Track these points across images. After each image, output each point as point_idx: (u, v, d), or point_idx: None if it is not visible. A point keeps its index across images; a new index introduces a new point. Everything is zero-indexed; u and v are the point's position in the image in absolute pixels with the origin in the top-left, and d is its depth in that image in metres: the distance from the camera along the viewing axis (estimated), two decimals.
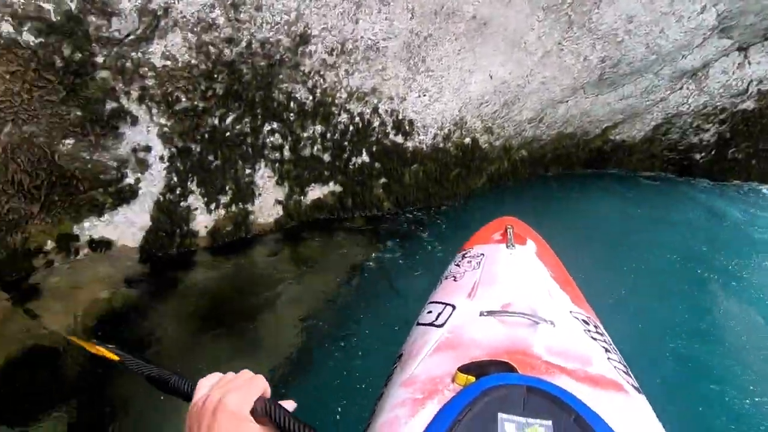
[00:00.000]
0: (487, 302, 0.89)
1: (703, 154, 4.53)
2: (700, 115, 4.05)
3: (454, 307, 0.92)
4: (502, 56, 2.37)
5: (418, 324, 0.94)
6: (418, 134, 2.31)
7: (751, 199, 4.41)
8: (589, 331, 0.83)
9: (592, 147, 3.99)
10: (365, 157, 2.19)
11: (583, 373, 0.68)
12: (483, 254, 1.18)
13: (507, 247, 1.16)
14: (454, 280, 1.10)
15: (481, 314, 0.84)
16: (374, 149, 2.20)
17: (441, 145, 2.44)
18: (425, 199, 2.58)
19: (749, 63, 3.70)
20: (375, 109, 2.12)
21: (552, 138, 3.49)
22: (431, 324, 0.90)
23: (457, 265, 1.19)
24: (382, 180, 2.30)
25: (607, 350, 0.78)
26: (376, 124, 2.15)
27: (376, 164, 2.24)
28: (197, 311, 1.79)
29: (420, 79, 2.16)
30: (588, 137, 3.81)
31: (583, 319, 0.88)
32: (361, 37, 1.90)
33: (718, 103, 3.97)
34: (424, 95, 2.22)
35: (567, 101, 3.17)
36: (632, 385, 0.68)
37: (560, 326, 0.79)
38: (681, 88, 3.73)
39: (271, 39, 1.59)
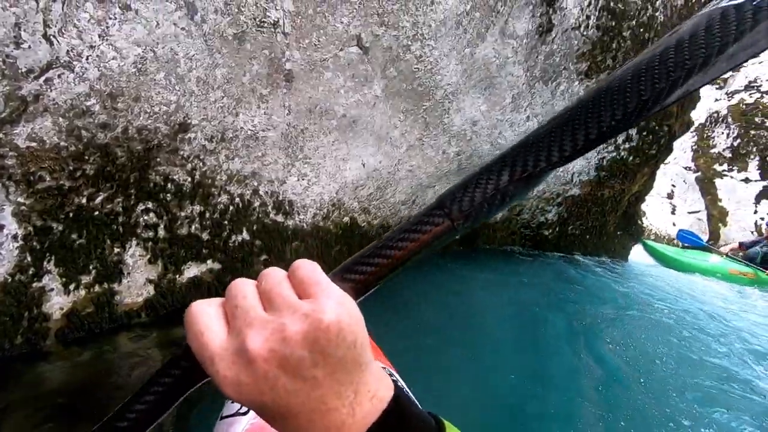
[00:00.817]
0: None
1: (550, 231, 5.42)
2: (542, 199, 4.92)
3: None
4: (372, 148, 2.76)
5: (222, 418, 0.90)
6: (299, 214, 2.49)
7: (589, 267, 5.33)
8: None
9: None
10: (245, 235, 2.28)
11: None
12: None
13: None
14: None
15: None
16: (255, 228, 2.31)
17: (321, 223, 2.64)
18: None
19: None
20: (255, 191, 2.27)
21: None
22: (236, 414, 0.87)
23: None
24: (264, 257, 2.39)
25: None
26: (256, 204, 2.29)
27: (257, 242, 2.34)
28: (42, 412, 1.60)
29: (298, 165, 2.40)
30: None
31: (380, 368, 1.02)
32: (241, 127, 2.10)
33: (554, 190, 4.89)
34: (303, 179, 2.44)
35: (434, 186, 3.68)
36: None
37: None
38: None
39: (148, 126, 1.71)
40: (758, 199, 7.75)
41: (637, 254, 6.54)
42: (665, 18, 3.82)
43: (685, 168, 8.84)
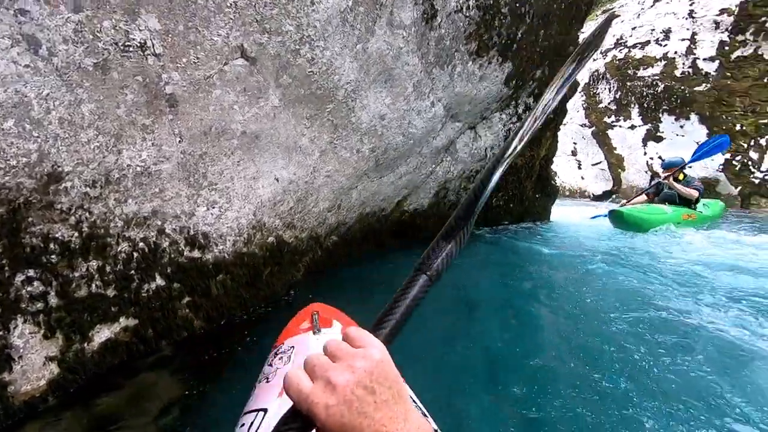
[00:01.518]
0: None
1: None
2: (463, 178, 5.07)
3: (266, 411, 0.92)
4: (282, 161, 2.64)
5: (245, 413, 0.93)
6: (217, 245, 2.31)
7: (514, 234, 5.60)
8: None
9: (393, 220, 4.55)
10: (160, 281, 2.07)
11: None
12: (293, 346, 1.21)
13: (314, 333, 1.23)
14: (267, 382, 1.10)
15: None
16: (169, 270, 2.10)
17: (244, 249, 2.48)
18: (241, 305, 2.53)
19: (479, 137, 4.90)
20: (161, 231, 2.07)
21: (355, 220, 3.89)
22: (258, 410, 0.90)
23: (270, 365, 1.19)
24: (186, 299, 2.19)
25: None
26: (165, 245, 2.09)
27: (175, 284, 2.13)
28: None
29: (205, 193, 2.22)
30: (386, 213, 4.35)
31: None
32: (128, 165, 1.89)
33: (471, 167, 5.06)
34: (214, 207, 2.27)
35: (357, 187, 3.63)
36: (433, 429, 0.80)
37: None
38: (442, 161, 4.65)
39: (7, 184, 1.47)
40: (645, 141, 8.66)
41: (557, 212, 7.00)
42: None
43: (581, 125, 9.66)
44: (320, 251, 3.46)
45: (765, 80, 7.28)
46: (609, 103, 9.23)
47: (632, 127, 8.84)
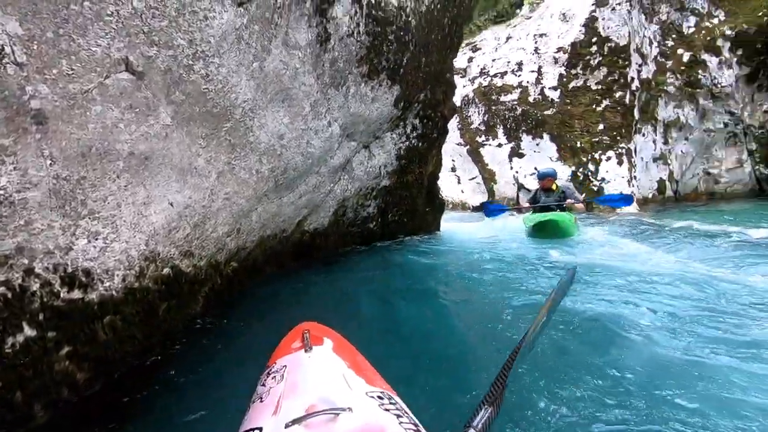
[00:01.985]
0: (291, 413, 0.92)
1: (374, 223, 5.79)
2: (360, 195, 5.20)
3: (260, 430, 0.94)
4: (177, 184, 2.42)
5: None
6: (102, 282, 2.01)
7: (411, 246, 5.89)
8: (383, 405, 0.97)
9: (294, 240, 4.45)
10: (29, 332, 1.72)
11: None
12: (285, 365, 1.22)
13: (305, 351, 1.25)
14: (261, 401, 1.11)
15: (287, 426, 0.87)
16: (41, 317, 1.76)
17: (136, 284, 2.19)
18: (135, 349, 2.22)
19: (373, 155, 5.09)
20: (29, 271, 1.73)
21: (256, 244, 3.71)
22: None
23: (263, 385, 1.21)
24: (65, 350, 1.85)
25: (399, 416, 0.93)
26: (35, 287, 1.75)
27: (50, 333, 1.80)
28: None
29: (85, 223, 1.93)
30: (287, 234, 4.24)
31: (378, 395, 1.02)
32: None
33: (367, 185, 5.22)
34: (96, 239, 1.98)
35: (256, 209, 3.48)
36: None
37: (357, 410, 0.90)
38: (340, 180, 4.72)
39: None
40: (510, 157, 9.89)
41: (446, 225, 7.55)
42: (416, 22, 4.46)
43: (457, 144, 10.67)
44: (220, 279, 3.22)
45: (593, 106, 8.91)
46: (479, 124, 10.36)
47: (499, 145, 10.03)
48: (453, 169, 10.72)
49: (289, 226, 4.26)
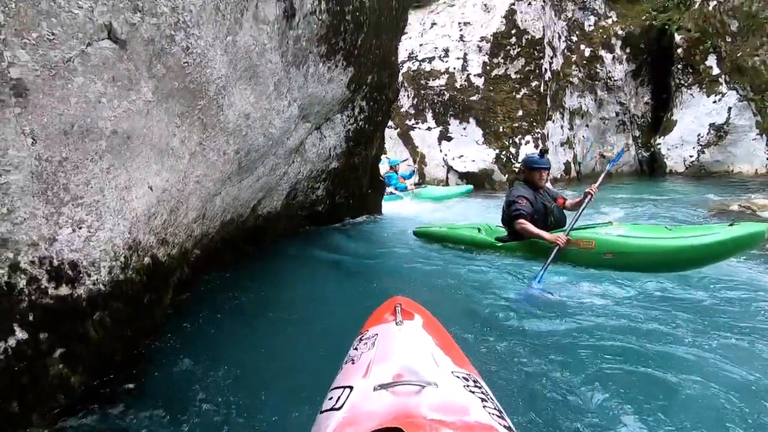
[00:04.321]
0: (380, 377, 0.97)
1: (322, 206, 5.75)
2: (311, 178, 5.13)
3: (351, 389, 0.98)
4: (156, 165, 2.23)
5: (321, 412, 0.99)
6: (89, 275, 1.82)
7: (357, 227, 5.99)
8: (468, 386, 0.99)
9: (249, 225, 4.29)
10: (20, 334, 1.52)
11: (461, 423, 0.83)
12: (377, 334, 1.27)
13: (396, 324, 1.28)
14: (352, 363, 1.17)
15: (375, 389, 0.92)
16: (31, 317, 1.56)
17: (122, 276, 2.01)
18: (125, 346, 2.05)
19: (325, 137, 5.03)
20: (15, 266, 1.52)
21: (217, 229, 3.53)
22: (332, 409, 0.95)
23: (355, 349, 1.27)
24: (59, 351, 1.67)
25: (483, 400, 0.95)
26: (21, 284, 1.54)
27: (42, 335, 1.60)
28: None
29: (68, 210, 1.72)
30: (243, 218, 4.08)
31: (464, 377, 1.04)
32: None
33: (318, 167, 5.17)
34: (80, 227, 1.78)
35: (221, 192, 3.30)
36: (505, 426, 0.91)
37: (443, 387, 0.91)
38: (293, 162, 4.61)
39: None
40: (440, 140, 10.33)
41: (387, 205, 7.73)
42: (370, 3, 4.45)
43: (389, 127, 10.84)
44: (187, 268, 3.03)
45: (513, 94, 9.64)
46: (409, 108, 10.62)
47: (429, 128, 10.41)
48: (385, 152, 10.90)
49: (245, 210, 4.08)
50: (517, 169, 9.17)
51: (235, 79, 2.85)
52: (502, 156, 9.53)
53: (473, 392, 0.97)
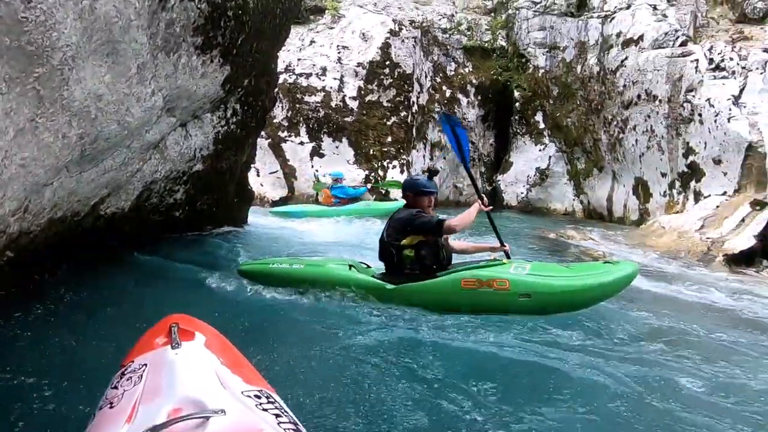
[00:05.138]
0: (150, 418, 0.82)
1: (180, 211, 5.21)
2: (170, 179, 4.63)
3: None
4: None
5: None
6: None
7: (220, 238, 5.60)
8: (260, 405, 0.93)
9: (86, 226, 3.66)
10: None
11: None
12: (145, 364, 1.09)
13: (172, 347, 1.10)
14: (110, 407, 0.98)
15: None
16: None
17: None
18: None
19: (190, 135, 4.62)
20: None
21: (43, 228, 2.91)
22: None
23: (115, 387, 1.06)
24: None
25: (278, 416, 0.91)
26: None
27: None
28: None
29: None
30: (79, 217, 3.46)
31: (255, 395, 0.97)
32: None
33: (179, 168, 4.69)
34: None
35: (52, 183, 2.74)
36: None
37: (231, 411, 0.84)
38: (150, 159, 4.10)
39: None
40: (312, 156, 10.35)
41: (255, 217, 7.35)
42: (254, 5, 4.30)
43: (260, 136, 10.43)
44: None
45: (384, 120, 10.27)
46: (282, 120, 10.43)
47: (302, 143, 10.36)
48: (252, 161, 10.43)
49: (83, 207, 3.44)
50: (385, 191, 9.69)
51: (89, 52, 2.44)
52: (371, 177, 9.97)
53: (267, 410, 0.91)
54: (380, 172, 10.04)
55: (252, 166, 10.03)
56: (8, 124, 2.02)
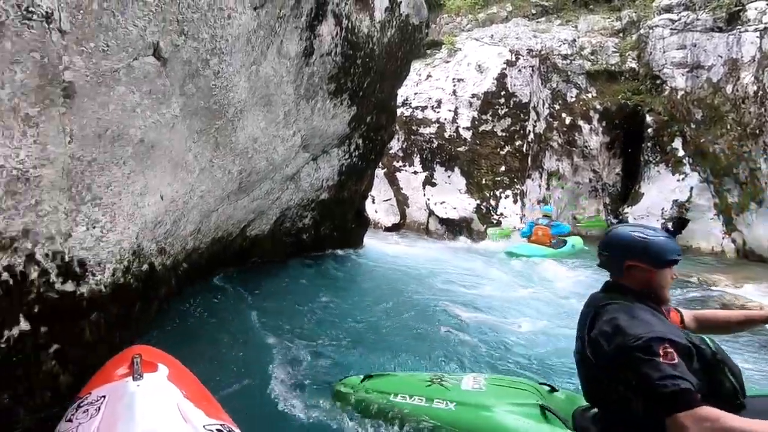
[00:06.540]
0: None
1: (307, 235, 5.81)
2: (301, 206, 5.22)
3: None
4: (169, 176, 2.31)
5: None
6: (93, 275, 1.84)
7: (340, 260, 6.06)
8: None
9: (236, 246, 4.31)
10: (23, 325, 1.53)
11: None
12: (104, 396, 1.07)
13: (134, 379, 1.09)
14: None
15: None
16: (36, 309, 1.58)
17: (122, 280, 2.03)
18: (110, 353, 2.03)
19: (320, 168, 5.18)
20: (31, 256, 1.55)
21: (207, 245, 3.55)
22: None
23: (69, 421, 1.01)
24: (54, 347, 1.67)
25: None
26: (34, 275, 1.57)
27: (42, 329, 1.61)
28: None
29: (86, 209, 1.78)
30: (231, 237, 4.11)
31: (218, 429, 0.97)
32: (2, 165, 1.40)
33: (309, 197, 5.28)
34: (95, 227, 1.83)
35: (217, 209, 3.36)
36: None
37: None
38: (287, 189, 4.72)
39: None
40: (424, 185, 10.67)
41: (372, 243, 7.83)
42: (378, 51, 4.76)
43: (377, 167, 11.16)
44: (174, 281, 3.02)
45: (498, 150, 10.17)
46: (398, 150, 10.99)
47: (415, 172, 10.75)
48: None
49: (235, 230, 4.12)
50: (497, 221, 9.51)
51: (252, 105, 3.00)
52: (482, 206, 9.88)
53: None
54: (492, 202, 9.90)
55: (370, 194, 10.72)
56: (196, 165, 2.58)
